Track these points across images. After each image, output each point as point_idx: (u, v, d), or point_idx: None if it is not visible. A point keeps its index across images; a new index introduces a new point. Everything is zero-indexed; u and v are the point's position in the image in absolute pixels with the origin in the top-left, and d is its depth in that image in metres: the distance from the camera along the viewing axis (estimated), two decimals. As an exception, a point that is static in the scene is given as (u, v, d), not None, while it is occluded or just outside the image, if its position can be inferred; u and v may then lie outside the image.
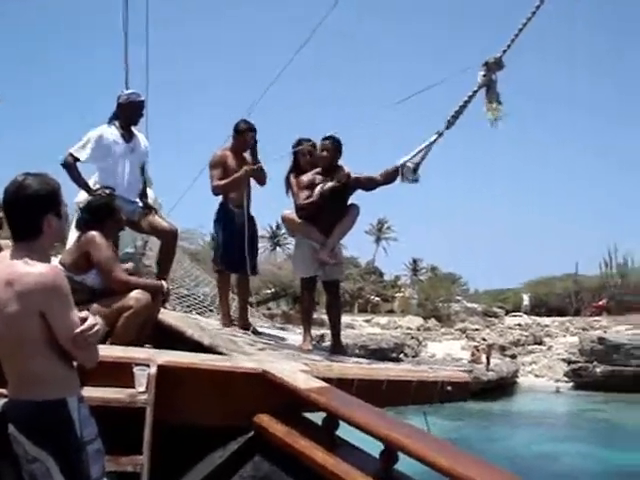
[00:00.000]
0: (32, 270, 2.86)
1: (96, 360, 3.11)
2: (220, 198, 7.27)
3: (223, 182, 7.06)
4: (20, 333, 2.88)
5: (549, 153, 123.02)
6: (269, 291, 45.22)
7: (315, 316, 7.30)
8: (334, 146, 6.67)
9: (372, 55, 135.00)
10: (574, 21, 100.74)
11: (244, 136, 7.17)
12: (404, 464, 3.55)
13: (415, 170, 5.90)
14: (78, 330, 2.88)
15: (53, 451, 2.90)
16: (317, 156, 6.76)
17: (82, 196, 6.41)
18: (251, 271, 7.39)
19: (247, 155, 7.25)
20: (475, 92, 5.48)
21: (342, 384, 4.50)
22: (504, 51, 5.40)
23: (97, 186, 6.25)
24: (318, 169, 6.72)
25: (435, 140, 5.70)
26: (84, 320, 2.93)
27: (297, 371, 4.55)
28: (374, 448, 3.66)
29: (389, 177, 6.47)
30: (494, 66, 5.41)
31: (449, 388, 5.26)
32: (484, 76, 5.43)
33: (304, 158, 6.93)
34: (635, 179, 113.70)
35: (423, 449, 3.25)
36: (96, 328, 2.95)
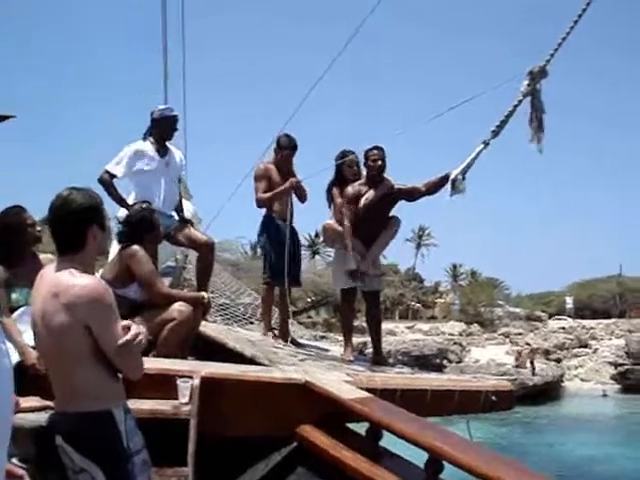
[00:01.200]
0: (77, 282, 2.90)
1: (141, 371, 3.12)
2: (264, 211, 7.24)
3: (268, 195, 7.03)
4: (66, 345, 2.92)
5: (590, 155, 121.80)
6: (309, 299, 45.29)
7: (356, 324, 7.24)
8: (383, 156, 6.61)
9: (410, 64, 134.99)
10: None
11: (284, 152, 7.14)
12: (450, 474, 3.52)
13: (462, 181, 5.85)
14: (122, 340, 2.90)
15: (100, 462, 2.92)
16: (369, 165, 6.62)
17: (123, 212, 6.47)
18: (296, 282, 7.40)
19: (287, 170, 7.20)
20: (520, 101, 5.41)
21: (385, 394, 4.48)
22: (548, 60, 5.34)
23: (135, 201, 6.31)
24: (362, 180, 6.65)
25: (482, 150, 5.63)
26: (128, 329, 2.96)
27: (340, 381, 4.54)
28: (419, 458, 3.63)
29: (432, 188, 6.41)
30: (538, 74, 5.35)
31: (493, 398, 5.19)
32: (528, 85, 5.37)
33: (350, 170, 6.85)
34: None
35: (468, 458, 3.21)
36: (140, 337, 2.97)
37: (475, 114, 5.80)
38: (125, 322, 2.99)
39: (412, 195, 6.66)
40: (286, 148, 7.14)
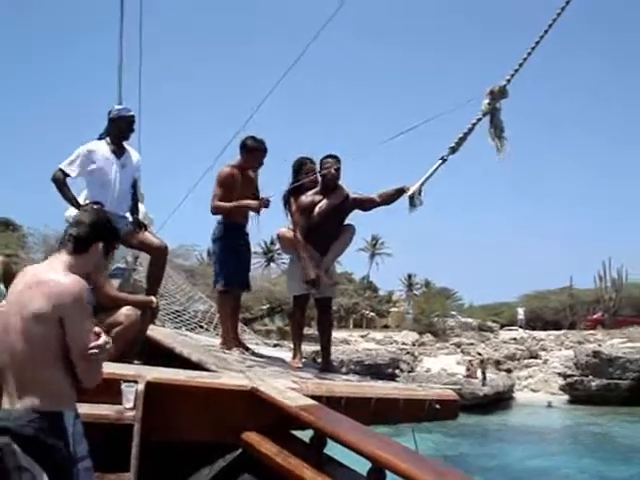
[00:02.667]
0: (59, 277, 3.01)
1: (98, 381, 3.17)
2: (219, 216, 7.15)
3: (229, 205, 6.91)
4: (34, 335, 2.94)
5: (544, 168, 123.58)
6: (264, 307, 45.21)
7: (311, 332, 7.25)
8: (338, 164, 6.62)
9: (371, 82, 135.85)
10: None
11: (254, 155, 7.07)
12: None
13: (419, 196, 5.90)
14: (94, 344, 2.96)
15: (44, 463, 2.91)
16: (324, 173, 6.62)
17: (73, 211, 6.39)
18: (249, 288, 7.36)
19: (251, 173, 7.15)
20: (479, 119, 5.47)
21: (331, 402, 4.49)
22: (508, 80, 5.40)
23: (87, 201, 6.24)
24: (316, 189, 6.64)
25: (439, 166, 5.68)
26: (98, 335, 3.01)
27: (286, 389, 4.53)
28: (362, 467, 3.64)
29: (387, 199, 6.48)
30: (499, 94, 5.41)
31: (437, 406, 5.24)
32: (489, 104, 5.44)
33: (307, 178, 6.76)
34: (630, 193, 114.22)
35: (410, 468, 3.23)
36: (107, 347, 3.01)
37: (436, 132, 5.83)
38: (96, 329, 3.04)
39: (366, 205, 6.71)
40: (256, 149, 7.06)
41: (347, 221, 6.83)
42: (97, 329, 3.04)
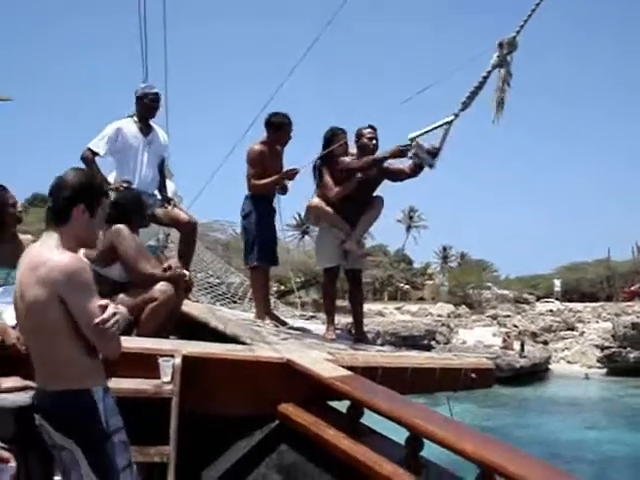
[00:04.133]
0: (54, 256, 2.92)
1: (118, 351, 3.09)
2: (247, 192, 7.10)
3: (264, 182, 6.87)
4: (42, 319, 2.91)
5: (581, 139, 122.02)
6: (299, 279, 45.31)
7: (345, 304, 7.22)
8: (376, 135, 6.54)
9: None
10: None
11: (283, 131, 6.97)
12: (431, 451, 3.54)
13: (435, 155, 5.82)
14: (98, 319, 2.89)
15: (78, 440, 2.92)
16: (363, 143, 6.50)
17: None
18: (277, 262, 7.35)
19: (279, 148, 7.06)
20: (489, 72, 5.39)
21: (366, 372, 4.49)
22: (518, 31, 5.32)
23: (115, 180, 6.28)
24: (353, 157, 6.56)
25: (450, 122, 5.59)
26: (105, 308, 2.93)
27: (321, 360, 4.54)
28: (400, 436, 3.65)
29: (416, 169, 6.41)
30: (508, 46, 5.33)
31: (473, 375, 5.22)
32: (498, 57, 5.36)
33: (340, 148, 6.61)
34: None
35: (448, 435, 3.23)
36: (116, 317, 2.93)
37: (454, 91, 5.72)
38: (103, 301, 2.97)
39: (397, 176, 6.64)
40: (283, 125, 6.96)
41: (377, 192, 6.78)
42: (104, 301, 2.97)
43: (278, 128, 6.94)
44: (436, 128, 5.67)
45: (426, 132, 5.71)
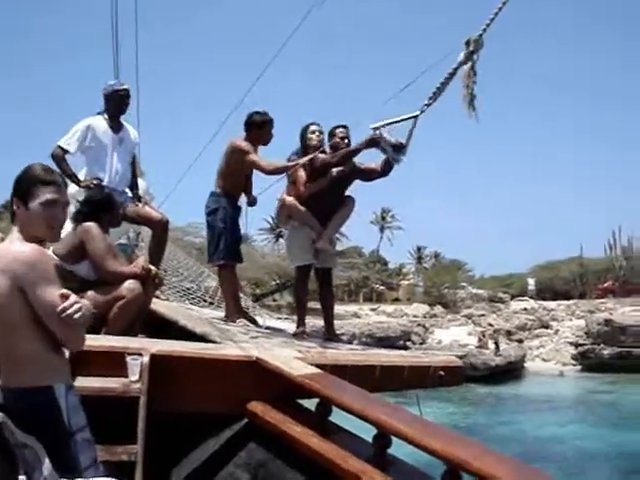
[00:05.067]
0: (14, 247, 2.91)
1: (82, 343, 3.05)
2: (215, 188, 7.00)
3: (290, 164, 6.56)
4: (3, 312, 2.87)
5: (553, 136, 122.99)
6: (274, 282, 45.30)
7: (318, 306, 7.21)
8: (348, 134, 6.53)
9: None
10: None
11: (266, 128, 6.88)
12: (398, 449, 3.54)
13: (399, 149, 5.81)
14: (59, 307, 2.85)
15: (41, 437, 2.89)
16: (335, 142, 6.49)
17: (73, 188, 6.39)
18: (241, 260, 7.32)
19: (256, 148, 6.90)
20: (456, 69, 5.40)
21: (335, 370, 4.48)
22: (484, 29, 5.34)
23: (85, 177, 6.24)
24: (327, 155, 6.52)
25: (416, 116, 5.58)
26: (66, 297, 2.89)
27: (290, 358, 4.53)
28: (368, 433, 3.65)
29: (386, 168, 6.41)
30: (474, 44, 5.35)
31: (442, 373, 5.24)
32: (464, 54, 5.38)
33: (316, 137, 6.64)
34: (638, 160, 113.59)
35: (414, 432, 3.24)
36: (79, 305, 2.90)
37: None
38: (63, 290, 2.94)
39: (369, 174, 6.66)
40: (266, 122, 6.87)
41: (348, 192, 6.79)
42: (65, 291, 2.92)
43: (260, 127, 6.85)
44: (400, 121, 5.67)
45: (389, 124, 5.71)
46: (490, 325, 41.65)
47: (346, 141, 6.51)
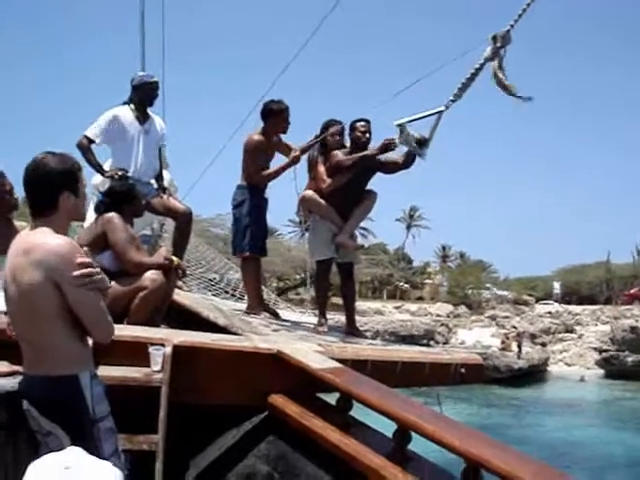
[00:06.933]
0: (48, 240, 2.90)
1: (110, 335, 3.09)
2: (241, 180, 7.02)
3: (268, 173, 6.84)
4: (34, 303, 2.89)
5: (584, 142, 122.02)
6: (299, 276, 45.34)
7: (342, 301, 7.20)
8: (370, 128, 6.51)
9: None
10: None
11: (282, 116, 6.89)
12: (418, 445, 3.53)
13: (421, 144, 5.76)
14: (78, 272, 2.86)
15: (65, 426, 2.92)
16: (356, 136, 6.49)
17: (98, 178, 6.42)
18: (266, 253, 7.33)
19: (275, 138, 6.97)
20: (482, 65, 5.36)
21: (356, 365, 4.48)
22: (512, 25, 5.30)
23: (111, 168, 6.26)
24: (347, 150, 6.53)
25: (440, 112, 5.55)
26: (86, 265, 2.92)
27: (312, 352, 4.54)
28: (388, 428, 3.64)
29: (408, 160, 6.38)
30: (502, 40, 5.31)
31: (462, 370, 5.21)
32: (491, 50, 5.34)
33: (333, 139, 6.65)
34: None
35: (435, 429, 3.22)
36: (96, 270, 2.93)
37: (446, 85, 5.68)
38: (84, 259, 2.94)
39: (390, 168, 6.62)
40: (282, 110, 6.88)
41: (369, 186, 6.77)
42: (84, 259, 2.93)
43: (277, 114, 6.86)
44: (424, 117, 5.64)
45: (413, 120, 5.68)
46: (514, 327, 41.40)
47: (367, 135, 6.48)
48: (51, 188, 2.97)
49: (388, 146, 6.04)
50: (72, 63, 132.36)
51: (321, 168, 6.55)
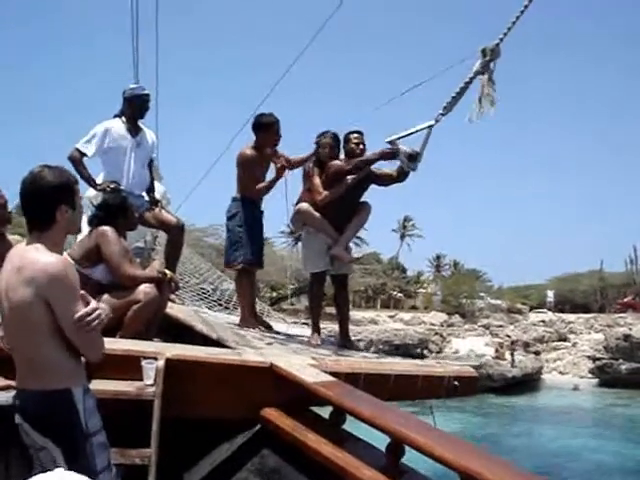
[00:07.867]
0: (41, 258, 2.89)
1: (100, 353, 3.08)
2: (236, 192, 7.02)
3: (259, 187, 6.83)
4: (26, 320, 2.89)
5: (576, 151, 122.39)
6: (292, 286, 45.29)
7: (334, 311, 7.20)
8: (363, 139, 6.52)
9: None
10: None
11: (273, 129, 6.89)
12: (411, 458, 3.53)
13: (414, 158, 5.78)
14: (79, 314, 2.86)
15: (58, 440, 2.91)
16: (350, 147, 6.52)
17: (92, 191, 6.42)
18: (262, 265, 7.31)
19: (268, 151, 6.94)
20: (472, 79, 5.38)
21: (350, 378, 4.48)
22: (501, 39, 5.32)
23: (103, 181, 6.26)
24: (343, 162, 6.54)
25: (430, 126, 5.57)
26: (87, 303, 2.92)
27: (305, 365, 4.53)
28: (381, 442, 3.64)
29: (401, 174, 6.40)
30: (491, 53, 5.33)
31: (456, 383, 5.21)
32: (480, 63, 5.36)
33: (324, 151, 6.64)
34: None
35: (429, 442, 3.22)
36: (98, 312, 2.92)
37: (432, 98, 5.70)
38: (83, 293, 2.95)
39: (384, 180, 6.64)
40: (273, 123, 6.88)
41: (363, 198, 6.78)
42: (85, 294, 2.94)
43: (267, 128, 6.87)
44: (415, 132, 5.66)
45: (404, 136, 5.71)
46: (508, 336, 41.44)
47: (361, 147, 6.51)
48: (49, 202, 2.97)
49: (389, 154, 6.04)
50: (72, 63, 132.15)
51: (316, 180, 6.54)
